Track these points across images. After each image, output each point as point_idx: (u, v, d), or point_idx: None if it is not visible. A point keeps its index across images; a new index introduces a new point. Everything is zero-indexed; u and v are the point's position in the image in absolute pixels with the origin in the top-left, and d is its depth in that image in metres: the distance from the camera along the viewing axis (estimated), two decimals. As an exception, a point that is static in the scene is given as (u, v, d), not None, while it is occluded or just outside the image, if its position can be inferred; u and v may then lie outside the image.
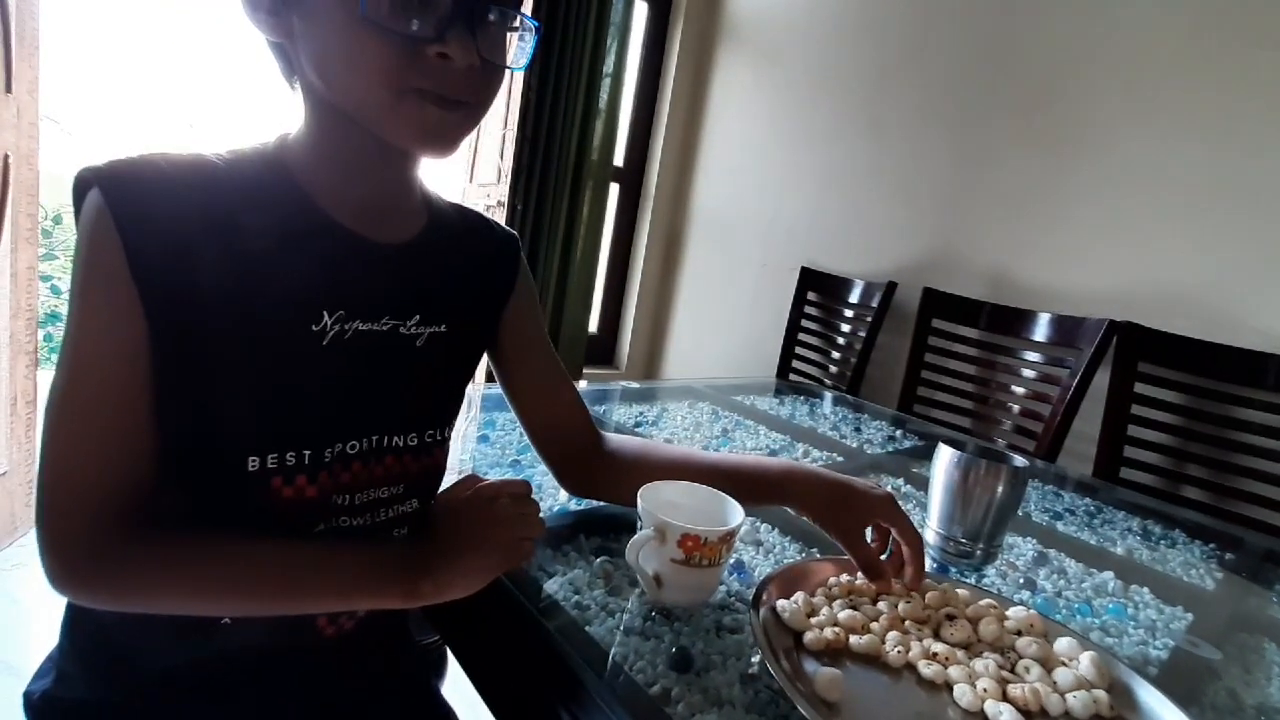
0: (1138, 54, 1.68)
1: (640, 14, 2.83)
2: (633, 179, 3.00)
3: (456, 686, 0.72)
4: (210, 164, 0.49)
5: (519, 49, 0.52)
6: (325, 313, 0.51)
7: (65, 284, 3.10)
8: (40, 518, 0.46)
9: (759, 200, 2.63)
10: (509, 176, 2.45)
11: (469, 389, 0.74)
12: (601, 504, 0.79)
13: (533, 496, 0.55)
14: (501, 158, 2.50)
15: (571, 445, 0.72)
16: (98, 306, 0.45)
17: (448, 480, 0.63)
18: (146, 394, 0.47)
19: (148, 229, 0.45)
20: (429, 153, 0.53)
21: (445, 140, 0.51)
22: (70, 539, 0.46)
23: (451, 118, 0.50)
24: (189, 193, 0.47)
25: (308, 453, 0.51)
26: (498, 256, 0.66)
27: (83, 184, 0.46)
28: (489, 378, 0.75)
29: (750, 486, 0.66)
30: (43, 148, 1.70)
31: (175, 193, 0.46)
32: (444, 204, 0.63)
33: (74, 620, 0.57)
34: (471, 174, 2.65)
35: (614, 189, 2.94)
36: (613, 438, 0.74)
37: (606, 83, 2.67)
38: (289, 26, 0.49)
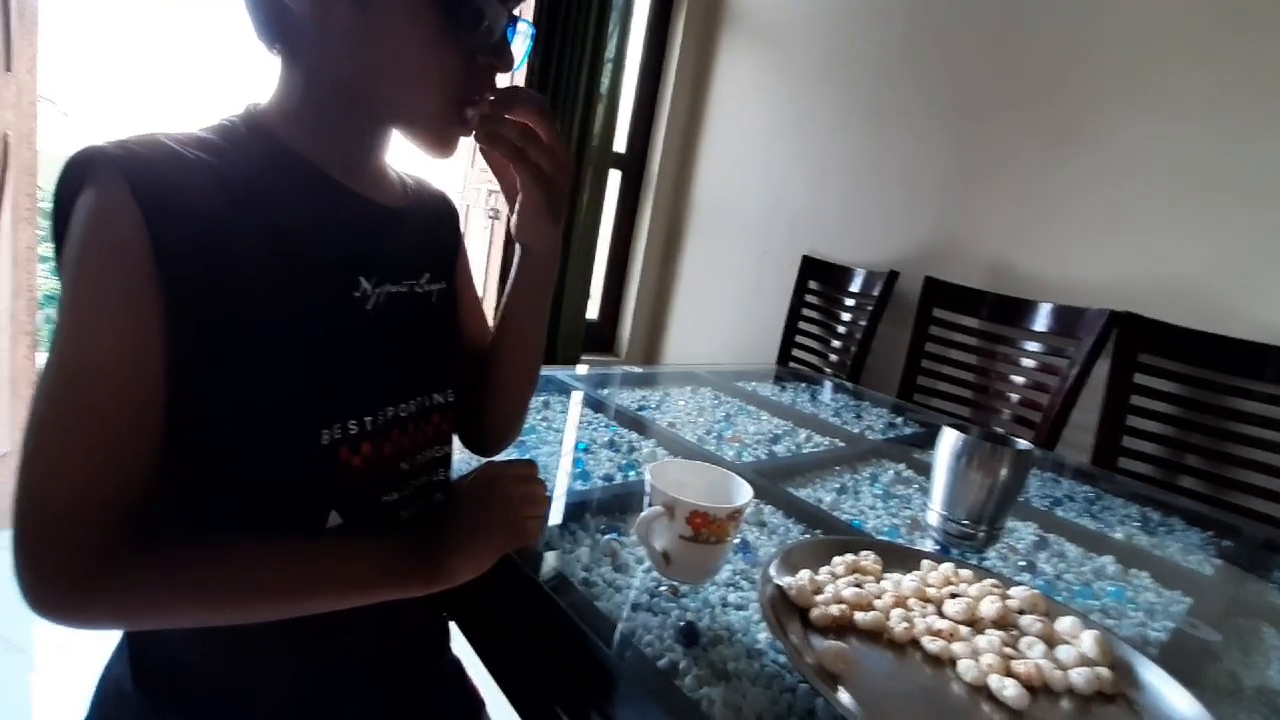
0: (1140, 45, 1.67)
1: (643, -1, 2.82)
2: (634, 165, 2.99)
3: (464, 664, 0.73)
4: (211, 141, 0.47)
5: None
6: (362, 279, 0.52)
7: (63, 266, 3.09)
8: (21, 535, 0.40)
9: (761, 188, 2.63)
10: (510, 162, 2.44)
11: None
12: (609, 483, 0.79)
13: (539, 476, 0.55)
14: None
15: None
16: (108, 307, 0.41)
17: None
18: (154, 398, 0.43)
19: (179, 219, 0.42)
20: (439, 158, 0.55)
21: (453, 151, 0.55)
22: (61, 555, 0.40)
23: (466, 131, 0.54)
24: (210, 173, 0.45)
25: (368, 419, 0.51)
26: (446, 212, 0.68)
27: (84, 168, 0.41)
28: None
29: (512, 303, 0.64)
30: (41, 128, 1.69)
31: (199, 175, 0.44)
32: (394, 167, 0.63)
33: (136, 641, 0.53)
34: (474, 159, 2.64)
35: (615, 175, 2.93)
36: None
37: (608, 68, 2.66)
38: (329, 7, 0.47)
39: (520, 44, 0.55)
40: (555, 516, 0.69)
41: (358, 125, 0.54)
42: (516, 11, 0.54)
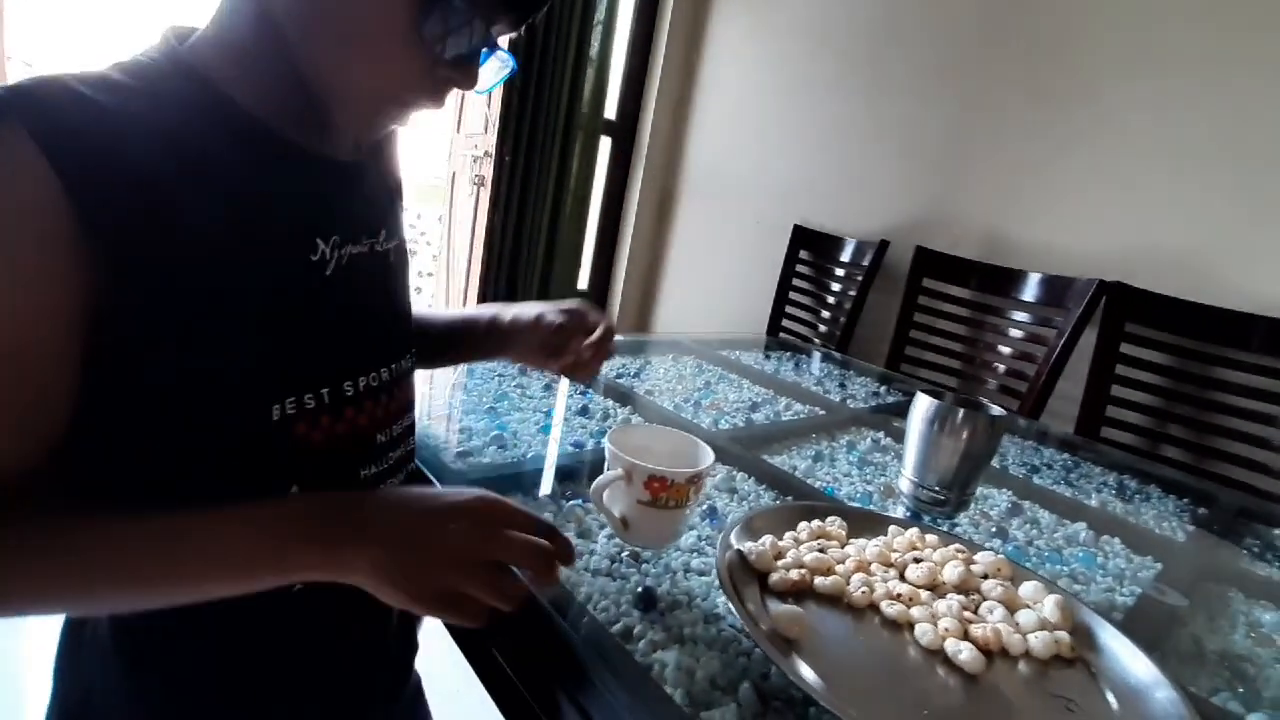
0: (1134, 17, 1.63)
1: (634, -41, 2.74)
2: (625, 132, 2.93)
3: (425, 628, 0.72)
4: (128, 85, 0.41)
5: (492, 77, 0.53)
6: (319, 241, 0.48)
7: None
8: None
9: (753, 156, 2.59)
10: (496, 127, 2.40)
11: None
12: (579, 450, 0.78)
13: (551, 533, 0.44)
14: (489, 107, 2.44)
15: None
16: (15, 268, 0.37)
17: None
18: (59, 375, 0.39)
19: (102, 172, 0.37)
20: (362, 142, 0.55)
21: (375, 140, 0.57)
22: None
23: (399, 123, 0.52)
24: (133, 121, 0.39)
25: (325, 391, 0.48)
26: (388, 158, 0.63)
27: None
28: None
29: (465, 337, 0.72)
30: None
31: (120, 123, 0.39)
32: None
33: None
34: (459, 123, 2.59)
35: (605, 142, 2.88)
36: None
37: (598, 31, 2.59)
38: None
39: (492, 72, 0.51)
40: (519, 484, 0.68)
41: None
42: (503, 40, 0.50)
